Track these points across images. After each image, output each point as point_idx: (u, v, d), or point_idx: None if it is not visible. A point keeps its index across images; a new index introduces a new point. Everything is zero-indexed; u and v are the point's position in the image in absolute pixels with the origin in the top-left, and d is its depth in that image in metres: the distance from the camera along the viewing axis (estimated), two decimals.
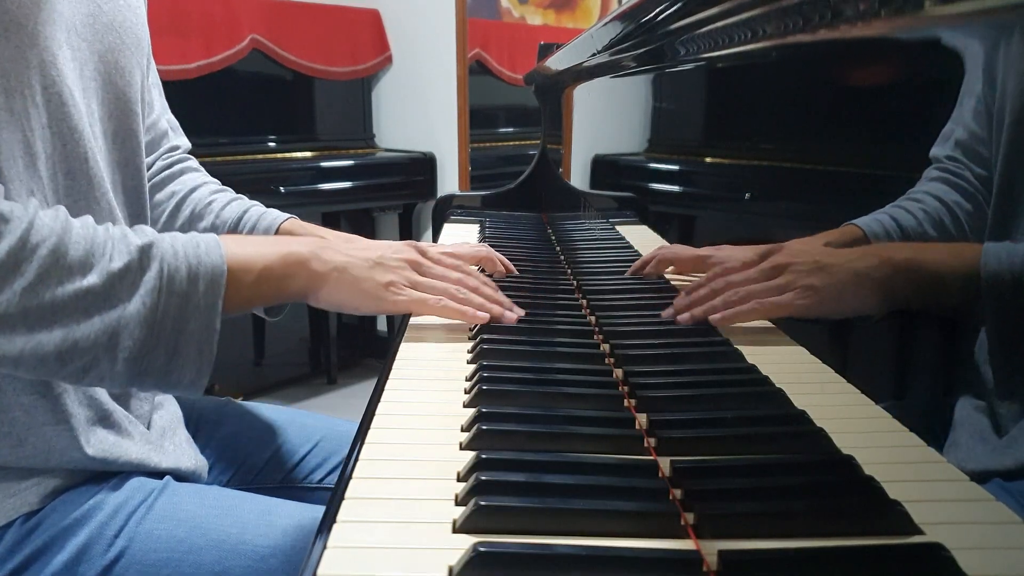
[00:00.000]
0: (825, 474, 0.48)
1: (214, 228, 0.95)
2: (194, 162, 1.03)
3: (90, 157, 0.74)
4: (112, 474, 0.75)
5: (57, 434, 0.71)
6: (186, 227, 0.96)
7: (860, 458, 0.48)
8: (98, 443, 0.73)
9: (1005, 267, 0.54)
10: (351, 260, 0.73)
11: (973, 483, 0.47)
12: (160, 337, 0.62)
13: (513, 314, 0.78)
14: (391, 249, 0.78)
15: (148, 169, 0.97)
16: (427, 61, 2.94)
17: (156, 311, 0.62)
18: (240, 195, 1.00)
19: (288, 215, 0.98)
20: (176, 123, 1.05)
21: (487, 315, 0.77)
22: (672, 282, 0.97)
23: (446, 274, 0.79)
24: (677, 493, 0.45)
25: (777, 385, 0.61)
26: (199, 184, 0.99)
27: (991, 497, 0.45)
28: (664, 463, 0.48)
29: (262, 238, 0.72)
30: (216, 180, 1.04)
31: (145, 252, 0.63)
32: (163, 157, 0.99)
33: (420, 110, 2.99)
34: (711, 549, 0.39)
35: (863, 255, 0.68)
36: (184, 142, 1.04)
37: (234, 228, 0.94)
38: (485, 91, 3.29)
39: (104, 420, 0.74)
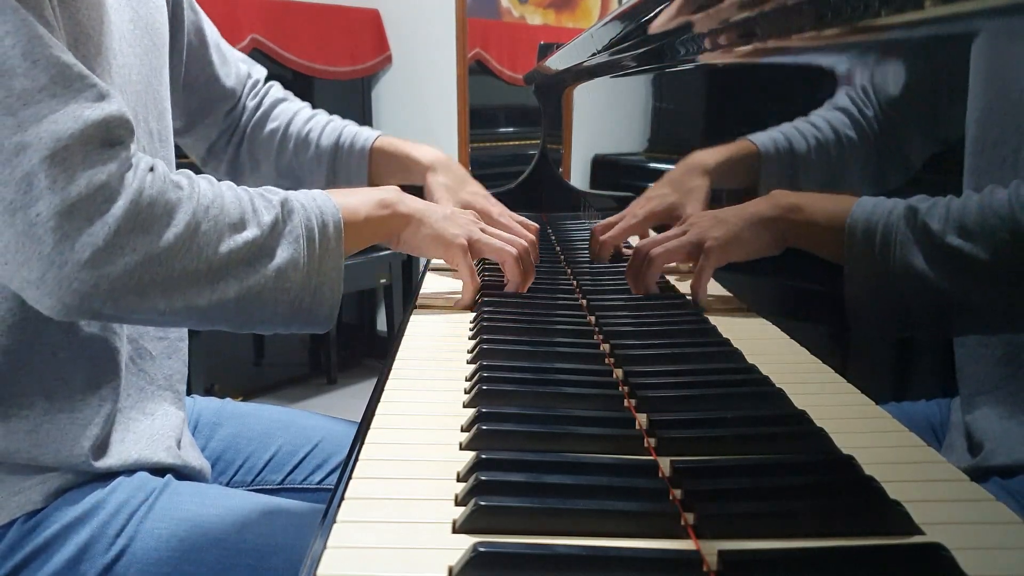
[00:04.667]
0: (825, 474, 0.48)
1: (318, 158, 1.04)
2: (277, 88, 1.11)
3: None
4: (114, 473, 0.75)
5: (71, 420, 0.71)
6: (293, 161, 1.05)
7: (860, 458, 0.48)
8: (104, 431, 0.73)
9: (865, 218, 0.61)
10: (428, 210, 0.83)
11: (973, 483, 0.47)
12: (308, 278, 0.69)
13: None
14: (460, 209, 0.91)
15: (244, 114, 1.06)
16: (427, 61, 2.94)
17: (303, 256, 0.69)
18: (327, 114, 1.09)
19: (378, 132, 1.08)
20: (241, 55, 1.10)
21: (530, 274, 0.87)
22: (670, 280, 0.97)
23: (502, 233, 0.88)
24: (677, 493, 0.45)
25: (777, 385, 0.61)
26: (292, 115, 1.07)
27: (991, 497, 0.45)
28: (664, 463, 0.48)
29: (352, 190, 0.82)
30: (297, 99, 1.12)
31: (285, 205, 0.70)
32: (251, 97, 1.07)
33: (420, 110, 2.99)
34: (711, 549, 0.39)
35: (756, 202, 0.80)
36: (259, 70, 1.11)
37: (334, 154, 1.05)
38: (485, 91, 3.29)
39: (114, 415, 0.74)
